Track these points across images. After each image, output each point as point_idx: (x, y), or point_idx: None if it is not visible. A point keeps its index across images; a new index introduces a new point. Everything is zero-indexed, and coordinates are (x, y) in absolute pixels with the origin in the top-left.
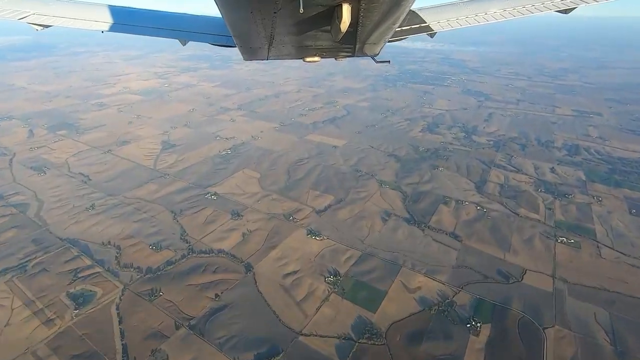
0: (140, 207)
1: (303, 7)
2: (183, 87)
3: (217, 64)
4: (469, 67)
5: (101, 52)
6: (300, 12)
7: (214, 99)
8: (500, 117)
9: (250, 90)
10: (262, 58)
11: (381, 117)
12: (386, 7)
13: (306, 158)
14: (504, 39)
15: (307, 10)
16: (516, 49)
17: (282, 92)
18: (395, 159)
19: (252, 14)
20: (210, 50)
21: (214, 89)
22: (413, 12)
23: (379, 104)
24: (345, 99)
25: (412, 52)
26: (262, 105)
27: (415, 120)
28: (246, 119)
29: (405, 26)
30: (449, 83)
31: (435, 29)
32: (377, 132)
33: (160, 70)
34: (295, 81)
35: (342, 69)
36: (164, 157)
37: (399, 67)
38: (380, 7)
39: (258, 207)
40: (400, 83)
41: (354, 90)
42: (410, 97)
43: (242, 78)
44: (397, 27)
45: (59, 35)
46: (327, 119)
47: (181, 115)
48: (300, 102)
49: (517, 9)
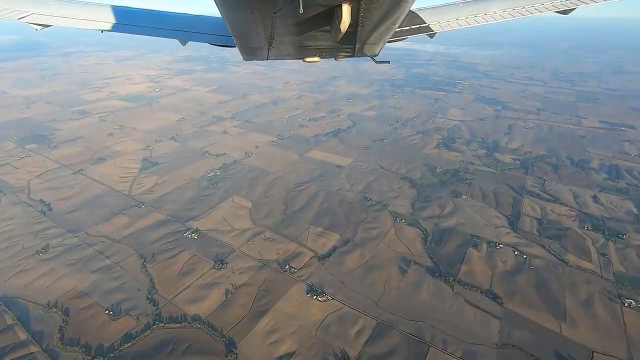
0: (103, 249)
1: (303, 7)
2: (175, 92)
3: (214, 66)
4: (480, 71)
5: (94, 52)
6: (300, 12)
7: (207, 107)
8: (522, 129)
9: (247, 97)
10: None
11: (390, 129)
12: (386, 8)
13: (306, 181)
14: (509, 40)
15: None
16: (525, 51)
17: (281, 98)
18: (409, 183)
19: (252, 14)
20: (208, 50)
21: (208, 94)
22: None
23: (387, 113)
24: (349, 107)
25: (417, 55)
26: (258, 114)
27: (428, 134)
28: (240, 131)
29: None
30: (460, 89)
31: (435, 30)
32: (387, 148)
33: (153, 72)
34: (296, 86)
35: (346, 72)
36: (142, 180)
37: (405, 70)
38: (380, 7)
39: (247, 250)
40: (409, 89)
41: (359, 96)
42: (420, 105)
43: (239, 82)
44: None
45: (53, 35)
46: (331, 132)
47: (168, 126)
48: (301, 111)
49: (517, 9)
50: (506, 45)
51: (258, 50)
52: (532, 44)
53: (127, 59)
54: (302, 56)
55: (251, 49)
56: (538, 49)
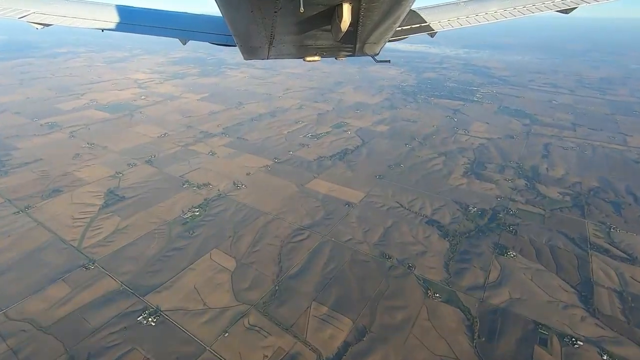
0: (20, 345)
1: (303, 6)
2: (162, 101)
3: (209, 69)
4: (496, 76)
5: (85, 53)
6: (301, 12)
7: (195, 119)
8: (561, 151)
9: (242, 106)
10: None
11: (406, 149)
12: (387, 7)
13: (307, 227)
14: (520, 42)
15: (307, 10)
16: (539, 54)
17: (280, 108)
18: (438, 230)
19: (252, 13)
20: (206, 51)
21: (199, 103)
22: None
23: (400, 128)
24: (357, 120)
25: (426, 57)
26: (253, 128)
27: (452, 156)
28: (230, 152)
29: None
30: (479, 97)
31: (435, 29)
32: (405, 176)
33: (143, 76)
34: (297, 93)
35: (352, 77)
36: (100, 223)
37: (416, 75)
38: (381, 6)
39: (222, 350)
40: (422, 96)
41: (368, 107)
42: (437, 117)
43: (235, 88)
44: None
45: (45, 34)
46: (337, 153)
47: (147, 144)
48: (302, 124)
49: (518, 8)
50: (517, 47)
51: (258, 49)
52: (545, 46)
53: (118, 61)
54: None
55: (252, 48)
56: (552, 51)
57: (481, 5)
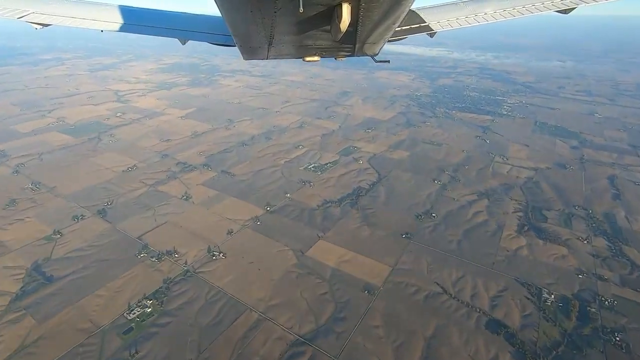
0: None
1: (303, 6)
2: (140, 119)
3: (200, 77)
4: (520, 83)
5: (70, 59)
6: (300, 12)
7: (175, 144)
8: (632, 187)
9: (232, 125)
10: (261, 57)
11: (435, 187)
12: (386, 7)
13: (310, 338)
14: (532, 42)
15: (307, 10)
16: (558, 55)
17: (278, 128)
18: (507, 341)
19: (251, 13)
20: (200, 56)
21: (182, 122)
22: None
23: (423, 155)
24: (370, 144)
25: (437, 60)
26: (243, 156)
27: (496, 198)
28: (210, 194)
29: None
30: (509, 110)
31: (435, 29)
32: (441, 234)
33: (126, 87)
34: (297, 106)
35: (359, 85)
36: (1, 333)
37: (430, 82)
38: (380, 6)
39: None
40: (442, 109)
41: (380, 124)
42: (465, 137)
43: (226, 101)
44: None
45: (36, 38)
46: (347, 195)
47: (107, 184)
48: (303, 150)
49: (517, 8)
50: (530, 48)
51: (258, 49)
52: (559, 46)
53: (104, 68)
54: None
55: (251, 48)
56: (569, 52)
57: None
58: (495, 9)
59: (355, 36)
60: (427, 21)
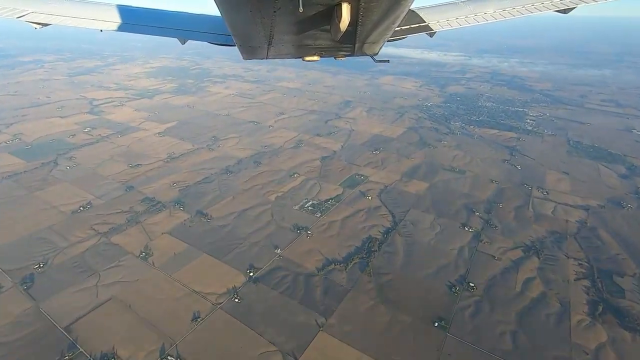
0: None
1: (303, 6)
2: (110, 135)
3: (188, 83)
4: (537, 91)
5: (52, 62)
6: (300, 12)
7: (144, 171)
8: None
9: (217, 144)
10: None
11: (467, 239)
12: (386, 7)
13: None
14: (539, 44)
15: (306, 10)
16: (572, 59)
17: (270, 148)
18: None
19: (251, 13)
20: (191, 59)
21: (159, 140)
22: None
23: (444, 187)
24: (379, 171)
25: (444, 65)
26: (226, 189)
27: (549, 257)
28: (178, 249)
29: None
30: (534, 125)
31: (434, 29)
32: (484, 321)
33: (103, 95)
34: (294, 119)
35: (362, 93)
36: None
37: (439, 89)
38: (380, 6)
39: None
40: (457, 123)
41: (389, 143)
42: (491, 162)
43: (213, 113)
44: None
45: (25, 38)
46: (354, 251)
47: (47, 232)
48: (299, 181)
49: (517, 8)
50: (539, 50)
51: (258, 49)
52: (568, 49)
53: (85, 72)
54: (301, 55)
55: (251, 48)
56: (584, 56)
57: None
58: (494, 8)
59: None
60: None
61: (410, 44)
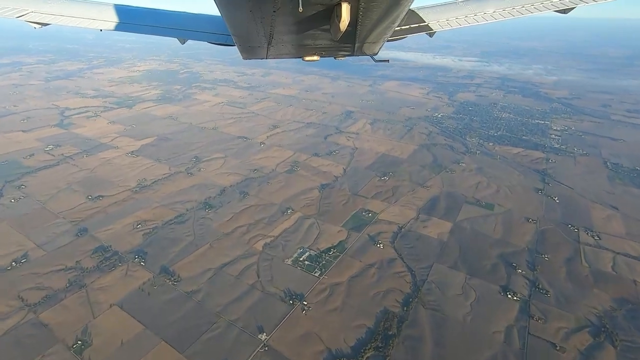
0: None
1: (302, 6)
2: (75, 155)
3: (174, 90)
4: (555, 99)
5: (32, 64)
6: (300, 11)
7: (105, 206)
8: None
9: (197, 168)
10: (261, 57)
11: (512, 313)
12: (385, 6)
13: None
14: (546, 47)
15: (306, 9)
16: (583, 63)
17: (260, 172)
18: None
19: (251, 12)
20: (180, 60)
21: (131, 161)
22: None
23: (472, 231)
24: (390, 205)
25: (449, 69)
26: (201, 234)
27: (627, 345)
28: (127, 336)
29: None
30: (560, 141)
31: (434, 29)
32: None
33: (79, 103)
34: (289, 134)
35: (365, 102)
36: None
37: (448, 97)
38: (380, 6)
39: None
40: (474, 139)
41: (400, 166)
42: (521, 191)
43: (198, 126)
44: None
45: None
46: (366, 335)
47: None
48: (293, 220)
49: (517, 8)
50: (547, 54)
51: (257, 49)
52: (580, 53)
53: (65, 76)
54: (301, 55)
55: (250, 47)
56: (594, 60)
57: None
58: (494, 8)
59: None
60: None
61: (412, 46)
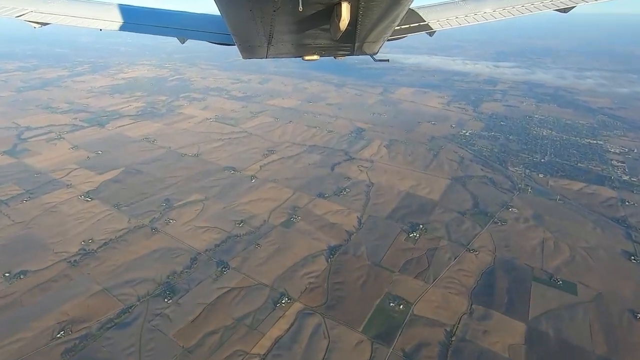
0: None
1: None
2: (11, 200)
3: (159, 101)
4: (598, 110)
5: (9, 71)
6: (300, 11)
7: (18, 295)
8: None
9: (166, 219)
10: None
11: None
12: (385, 6)
13: None
14: (568, 46)
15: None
16: (611, 64)
17: (247, 226)
18: None
19: (251, 12)
20: (173, 65)
21: (82, 208)
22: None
23: (556, 336)
24: (426, 284)
25: (466, 74)
26: (150, 356)
27: None
28: None
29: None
30: (628, 170)
31: (434, 28)
32: None
33: (44, 120)
34: (287, 163)
35: (376, 115)
36: None
37: (473, 108)
38: (380, 5)
39: None
40: (519, 169)
41: (431, 211)
42: (605, 256)
43: (177, 152)
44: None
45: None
46: None
47: None
48: (290, 314)
49: (517, 7)
50: (571, 54)
51: (257, 48)
52: (599, 52)
53: (40, 86)
54: (301, 54)
55: (250, 47)
56: (621, 60)
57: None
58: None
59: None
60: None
61: (420, 47)
